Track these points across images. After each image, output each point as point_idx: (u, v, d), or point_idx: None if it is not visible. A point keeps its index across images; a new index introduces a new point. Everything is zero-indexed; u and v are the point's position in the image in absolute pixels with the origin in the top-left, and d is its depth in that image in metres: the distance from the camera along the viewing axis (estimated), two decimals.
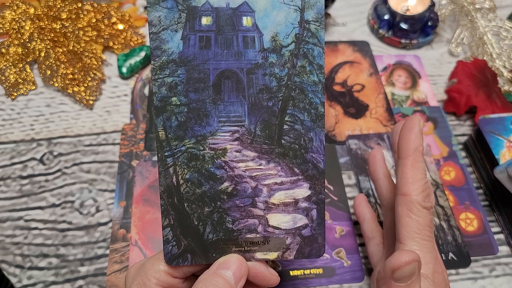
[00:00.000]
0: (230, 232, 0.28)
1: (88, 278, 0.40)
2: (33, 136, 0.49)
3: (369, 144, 0.49)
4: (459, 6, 0.59)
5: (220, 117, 0.28)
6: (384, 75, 0.56)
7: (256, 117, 0.28)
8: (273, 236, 0.29)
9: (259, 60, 0.28)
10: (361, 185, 0.47)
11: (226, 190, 0.28)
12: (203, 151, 0.28)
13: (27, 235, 0.42)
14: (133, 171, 0.46)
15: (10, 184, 0.45)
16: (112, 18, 0.57)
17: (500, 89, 0.53)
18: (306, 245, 0.29)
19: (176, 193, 0.28)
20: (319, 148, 0.29)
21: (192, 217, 0.28)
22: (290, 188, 0.29)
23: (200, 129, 0.28)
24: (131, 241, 0.42)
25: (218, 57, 0.28)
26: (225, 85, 0.28)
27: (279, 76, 0.28)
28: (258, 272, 0.29)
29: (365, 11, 0.63)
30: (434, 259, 0.30)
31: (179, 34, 0.27)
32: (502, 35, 0.57)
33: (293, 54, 0.28)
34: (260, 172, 0.29)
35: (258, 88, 0.28)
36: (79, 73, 0.52)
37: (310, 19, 0.28)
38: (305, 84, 0.28)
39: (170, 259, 0.28)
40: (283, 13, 0.27)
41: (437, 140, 0.51)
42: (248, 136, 0.28)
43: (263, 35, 0.27)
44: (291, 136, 0.29)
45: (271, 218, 0.29)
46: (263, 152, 0.29)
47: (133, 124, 0.50)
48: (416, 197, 0.29)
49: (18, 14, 0.55)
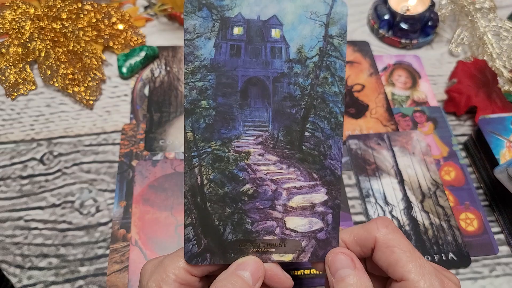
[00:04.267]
0: (249, 233, 0.29)
1: (88, 278, 0.40)
2: (33, 136, 0.49)
3: (369, 144, 0.49)
4: (459, 6, 0.59)
5: (246, 122, 0.29)
6: (384, 75, 0.56)
7: (280, 123, 0.29)
8: (290, 239, 0.29)
9: (285, 70, 0.29)
10: (361, 185, 0.47)
11: (247, 192, 0.29)
12: (228, 153, 0.29)
13: (27, 235, 0.42)
14: (133, 171, 0.46)
15: (10, 184, 0.45)
16: (112, 18, 0.57)
17: (500, 89, 0.53)
18: (321, 248, 0.30)
19: (199, 192, 0.29)
20: (337, 155, 0.30)
21: (213, 217, 0.29)
22: (308, 192, 0.30)
23: (226, 132, 0.29)
24: (131, 241, 0.42)
25: (246, 65, 0.29)
26: (252, 91, 0.29)
27: (303, 85, 0.29)
28: (274, 274, 0.29)
29: (365, 11, 0.63)
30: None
31: (212, 42, 0.28)
32: (502, 35, 0.57)
33: (316, 66, 0.29)
34: (281, 176, 0.30)
35: (283, 96, 0.29)
36: (79, 73, 0.52)
37: (333, 34, 0.29)
38: (327, 94, 0.29)
39: (190, 258, 0.29)
40: (309, 27, 0.29)
41: (437, 140, 0.51)
42: (271, 141, 0.30)
43: (290, 46, 0.29)
44: (312, 142, 0.30)
45: (288, 221, 0.30)
46: (284, 156, 0.30)
47: (133, 124, 0.50)
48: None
49: (18, 14, 0.55)
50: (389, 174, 0.47)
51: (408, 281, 0.26)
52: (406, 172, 0.47)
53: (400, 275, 0.26)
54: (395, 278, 0.27)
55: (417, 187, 0.46)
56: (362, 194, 0.46)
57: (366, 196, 0.46)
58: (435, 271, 0.26)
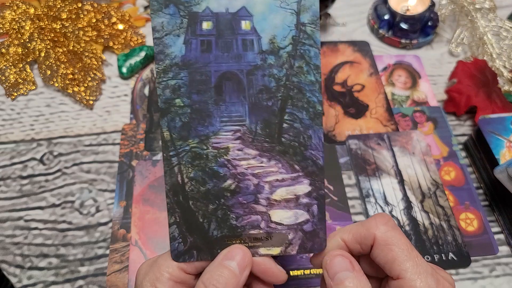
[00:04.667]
0: (234, 229, 0.29)
1: (88, 278, 0.40)
2: (33, 136, 0.49)
3: (369, 144, 0.49)
4: (459, 6, 0.59)
5: (222, 117, 0.29)
6: (384, 75, 0.56)
7: (257, 117, 0.29)
8: (276, 232, 0.29)
9: (258, 62, 0.29)
10: (361, 185, 0.47)
11: (229, 188, 0.29)
12: (207, 150, 0.29)
13: (27, 235, 0.42)
14: (133, 171, 0.46)
15: (10, 184, 0.45)
16: (112, 18, 0.57)
17: (500, 89, 0.53)
18: (308, 240, 0.30)
19: (181, 191, 0.29)
20: (318, 145, 0.29)
21: (197, 214, 0.29)
22: (291, 184, 0.30)
23: (203, 129, 0.29)
24: (131, 241, 0.42)
25: (219, 59, 0.29)
26: (226, 86, 0.29)
27: (278, 76, 0.29)
28: (267, 268, 0.29)
29: (365, 11, 0.63)
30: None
31: (181, 39, 0.28)
32: (502, 35, 0.57)
33: (290, 56, 0.29)
34: (262, 169, 0.29)
35: (258, 89, 0.29)
36: (79, 73, 0.52)
37: (306, 22, 0.29)
38: (303, 83, 0.29)
39: (176, 256, 0.29)
40: (280, 16, 0.28)
41: (437, 140, 0.51)
42: (249, 135, 0.29)
43: (261, 38, 0.29)
44: (291, 134, 0.29)
45: (273, 214, 0.29)
46: (264, 150, 0.29)
47: (133, 124, 0.50)
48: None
49: (18, 14, 0.55)
50: (389, 174, 0.47)
51: (404, 279, 0.26)
52: (406, 172, 0.47)
53: (397, 273, 0.26)
54: (392, 275, 0.27)
55: (417, 187, 0.46)
56: (362, 194, 0.46)
57: (366, 196, 0.46)
58: (431, 270, 0.26)
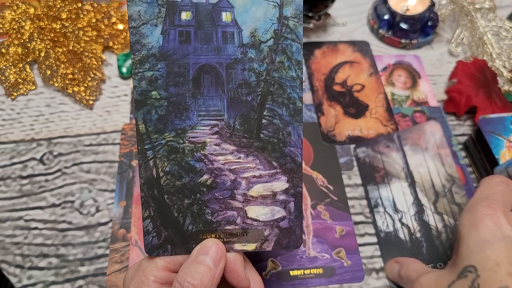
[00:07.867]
0: (209, 224, 0.29)
1: (88, 278, 0.40)
2: (33, 136, 0.49)
3: (378, 149, 0.48)
4: (459, 6, 0.59)
5: (200, 111, 0.28)
6: (384, 75, 0.56)
7: (235, 111, 0.29)
8: (252, 228, 0.29)
9: (238, 55, 0.28)
10: (369, 195, 0.46)
11: (205, 183, 0.29)
12: (183, 144, 0.28)
13: (27, 235, 0.42)
14: (133, 171, 0.46)
15: (10, 184, 0.45)
16: (112, 18, 0.57)
17: (500, 89, 0.53)
18: (284, 236, 0.29)
19: (156, 185, 0.28)
20: (297, 142, 0.29)
21: (172, 208, 0.29)
22: (268, 181, 0.29)
23: (180, 123, 0.28)
24: (131, 241, 0.42)
25: (198, 51, 0.28)
26: (204, 79, 0.28)
27: (258, 71, 0.28)
28: (233, 269, 0.29)
29: (365, 11, 0.63)
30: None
31: (159, 29, 0.27)
32: (502, 35, 0.57)
33: (272, 50, 0.28)
34: (239, 165, 0.29)
35: (237, 83, 0.28)
36: (79, 73, 0.52)
37: (288, 15, 0.28)
38: (284, 79, 0.29)
39: (150, 250, 0.28)
40: (262, 9, 0.28)
41: None
42: (227, 130, 0.29)
43: (242, 30, 0.28)
44: (270, 130, 0.29)
45: (249, 210, 0.29)
46: (242, 145, 0.29)
47: (133, 124, 0.50)
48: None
49: (18, 14, 0.55)
50: (399, 177, 0.46)
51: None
52: (418, 172, 0.47)
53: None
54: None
55: (429, 187, 0.46)
56: (371, 204, 0.45)
57: (375, 206, 0.45)
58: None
